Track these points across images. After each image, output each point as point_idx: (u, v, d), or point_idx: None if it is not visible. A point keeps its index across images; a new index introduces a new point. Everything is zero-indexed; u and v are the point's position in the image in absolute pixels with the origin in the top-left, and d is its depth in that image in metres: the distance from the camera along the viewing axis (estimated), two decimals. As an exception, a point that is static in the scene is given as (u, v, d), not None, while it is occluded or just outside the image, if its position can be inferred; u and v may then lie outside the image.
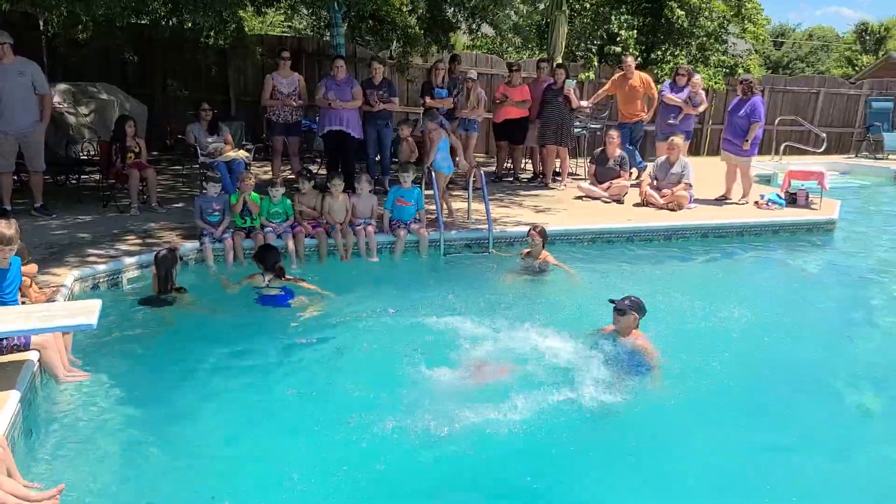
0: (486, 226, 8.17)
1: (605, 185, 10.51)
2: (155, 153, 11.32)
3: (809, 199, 10.51)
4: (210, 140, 9.31)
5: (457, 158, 9.28)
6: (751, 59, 18.68)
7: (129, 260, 6.65)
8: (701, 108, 11.68)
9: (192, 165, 10.24)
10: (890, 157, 17.16)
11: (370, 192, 8.09)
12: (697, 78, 11.74)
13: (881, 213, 12.42)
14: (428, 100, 10.48)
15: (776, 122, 17.01)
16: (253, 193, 7.49)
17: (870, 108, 18.45)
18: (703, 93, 11.59)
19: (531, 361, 5.04)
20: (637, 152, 12.19)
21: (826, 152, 16.81)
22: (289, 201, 7.70)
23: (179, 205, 9.15)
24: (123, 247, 7.07)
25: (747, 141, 10.31)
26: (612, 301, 5.20)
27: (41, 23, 12.34)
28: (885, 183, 15.34)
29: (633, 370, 4.90)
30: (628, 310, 5.10)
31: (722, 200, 10.73)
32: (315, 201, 7.84)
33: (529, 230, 7.37)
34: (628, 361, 4.98)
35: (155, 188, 8.92)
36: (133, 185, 8.53)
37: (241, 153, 9.47)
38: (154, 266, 6.08)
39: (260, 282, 6.38)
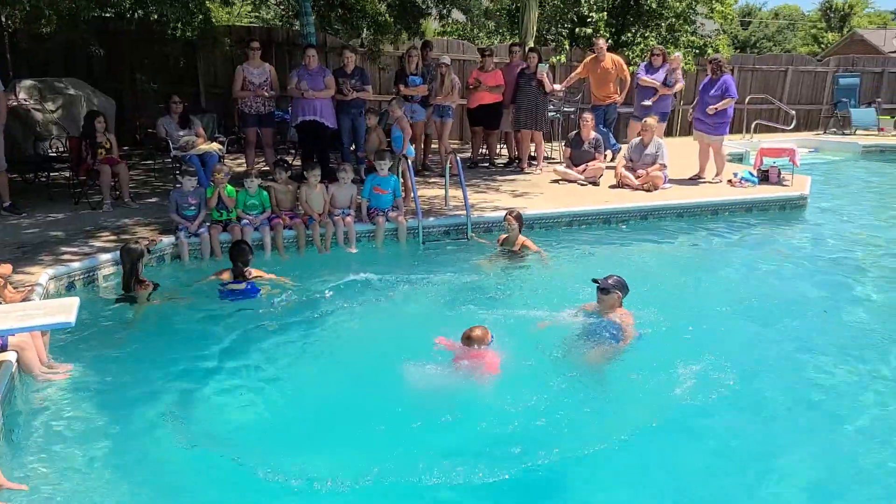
0: (464, 212, 8.17)
1: (581, 167, 10.55)
2: (126, 148, 11.12)
3: (781, 175, 10.63)
4: (181, 133, 9.19)
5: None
6: (719, 39, 18.80)
7: (104, 257, 6.55)
8: (676, 88, 11.69)
9: (164, 160, 10.11)
10: (857, 132, 17.41)
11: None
12: (677, 56, 11.71)
13: (850, 187, 12.61)
14: (402, 88, 10.43)
15: (746, 100, 17.16)
16: (228, 187, 7.42)
17: (837, 85, 18.69)
18: (680, 72, 11.61)
19: (516, 343, 5.07)
20: (611, 134, 12.24)
21: (795, 129, 17.00)
22: (265, 193, 7.62)
23: (153, 200, 9.04)
24: (98, 244, 6.98)
25: (716, 108, 10.38)
26: (595, 280, 5.25)
27: (2, 18, 12.06)
28: (853, 158, 15.58)
29: (614, 344, 5.02)
30: (612, 288, 5.17)
31: (696, 179, 10.83)
32: (292, 192, 7.78)
33: (505, 215, 7.37)
34: (611, 337, 5.07)
35: (127, 183, 8.79)
36: (105, 180, 8.40)
37: (214, 146, 9.36)
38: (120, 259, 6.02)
39: (228, 278, 6.32)
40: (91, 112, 9.18)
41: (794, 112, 16.90)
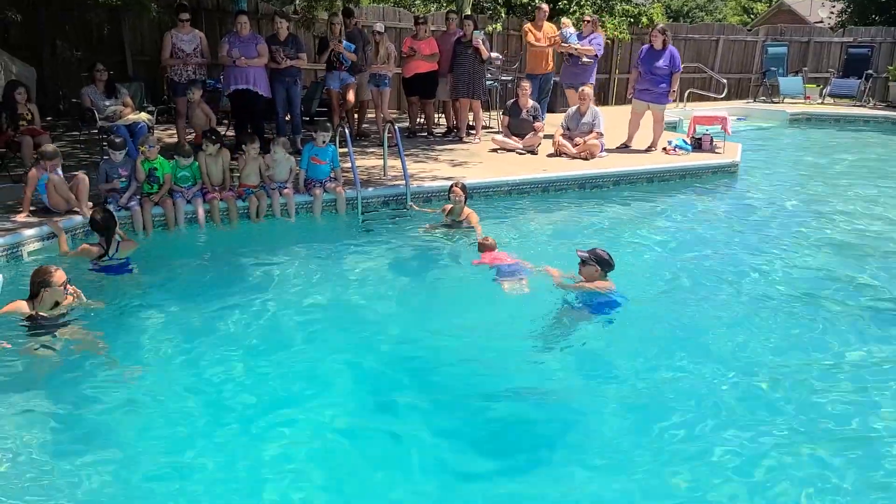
0: (403, 182, 8.10)
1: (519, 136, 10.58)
2: (49, 118, 10.65)
3: (714, 143, 10.88)
4: (108, 103, 8.83)
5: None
6: (654, 9, 19.00)
7: (28, 232, 6.29)
8: (573, 47, 11.66)
9: (90, 130, 9.71)
10: (785, 100, 17.90)
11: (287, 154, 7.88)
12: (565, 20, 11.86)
13: (779, 153, 13.02)
14: (335, 45, 10.23)
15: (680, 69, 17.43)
16: (160, 158, 7.18)
17: (766, 54, 19.13)
18: (571, 30, 11.75)
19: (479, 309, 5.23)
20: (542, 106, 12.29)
21: (727, 98, 17.40)
22: (196, 164, 7.41)
23: (79, 172, 8.67)
24: (20, 218, 6.68)
25: (674, 91, 10.67)
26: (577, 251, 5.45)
27: None
28: (781, 126, 16.05)
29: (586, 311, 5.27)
30: (588, 261, 5.33)
31: (623, 148, 10.92)
32: (224, 164, 7.59)
33: (451, 186, 7.21)
34: (577, 303, 5.33)
35: (51, 156, 8.41)
36: (26, 152, 8.00)
37: (143, 115, 9.03)
38: None
39: (96, 252, 5.93)
40: (11, 82, 8.73)
41: (725, 80, 17.27)
